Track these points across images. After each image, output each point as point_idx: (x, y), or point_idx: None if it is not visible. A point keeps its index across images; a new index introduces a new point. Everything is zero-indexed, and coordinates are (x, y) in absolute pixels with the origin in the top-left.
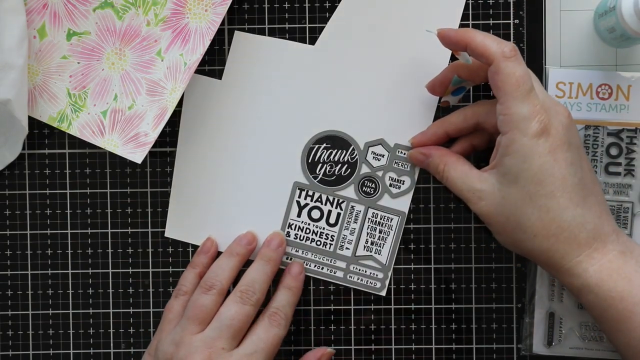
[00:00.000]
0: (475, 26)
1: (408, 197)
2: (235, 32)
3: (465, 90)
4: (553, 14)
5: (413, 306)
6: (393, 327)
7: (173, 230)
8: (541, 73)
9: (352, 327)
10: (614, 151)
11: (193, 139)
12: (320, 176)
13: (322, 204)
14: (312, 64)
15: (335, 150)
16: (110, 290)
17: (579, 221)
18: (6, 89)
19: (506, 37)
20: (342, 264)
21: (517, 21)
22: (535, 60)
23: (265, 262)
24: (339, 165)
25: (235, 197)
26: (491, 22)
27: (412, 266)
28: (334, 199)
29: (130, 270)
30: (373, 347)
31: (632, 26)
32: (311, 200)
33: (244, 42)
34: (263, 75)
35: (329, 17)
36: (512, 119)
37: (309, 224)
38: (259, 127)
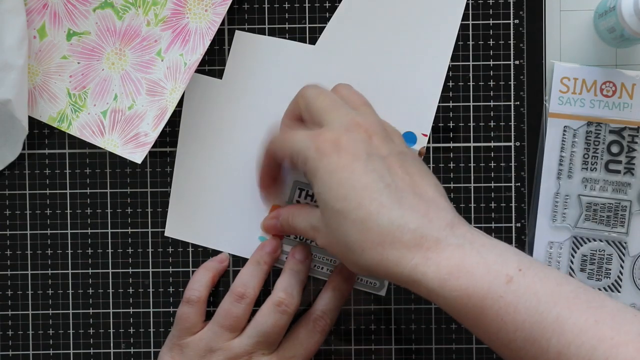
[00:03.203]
0: (475, 26)
1: None
2: (236, 31)
3: None
4: (553, 14)
5: (413, 306)
6: (393, 327)
7: (173, 229)
8: (541, 73)
9: (352, 327)
10: (615, 149)
11: (193, 138)
12: None
13: None
14: (313, 63)
15: None
16: (110, 290)
17: (399, 223)
18: (6, 89)
19: (506, 37)
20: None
21: (517, 21)
22: (535, 60)
23: (296, 272)
24: None
25: (235, 196)
26: (491, 22)
27: None
28: None
29: (130, 270)
30: (373, 347)
31: (632, 26)
32: (311, 200)
33: (244, 42)
34: (264, 75)
35: (329, 17)
36: (295, 155)
37: None
38: (259, 126)
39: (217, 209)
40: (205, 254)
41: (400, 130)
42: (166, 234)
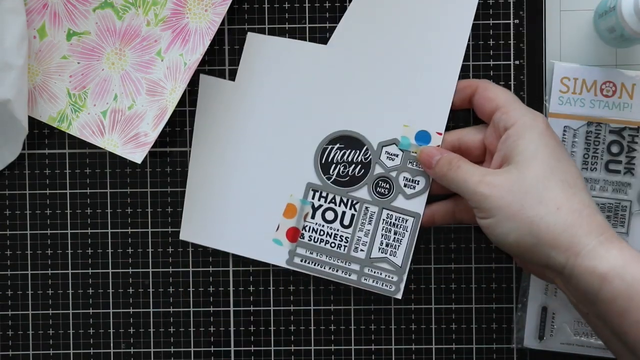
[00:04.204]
0: (475, 26)
1: (423, 198)
2: (248, 33)
3: None
4: (553, 14)
5: (413, 306)
6: (393, 327)
7: (188, 232)
8: (541, 73)
9: (352, 327)
10: (615, 149)
11: (207, 140)
12: (333, 177)
13: (336, 205)
14: (325, 63)
15: (349, 151)
16: (110, 290)
17: (594, 205)
18: (6, 89)
19: (506, 37)
20: (356, 267)
21: (517, 21)
22: (535, 60)
23: None
24: (353, 166)
25: (249, 198)
26: (491, 22)
27: (412, 266)
28: (347, 200)
29: (130, 270)
30: (373, 347)
31: (632, 26)
32: (325, 202)
33: (256, 43)
34: (276, 75)
35: (329, 17)
36: (517, 113)
37: (323, 226)
38: (272, 127)
39: (232, 211)
40: (205, 254)
41: (414, 129)
42: (181, 237)
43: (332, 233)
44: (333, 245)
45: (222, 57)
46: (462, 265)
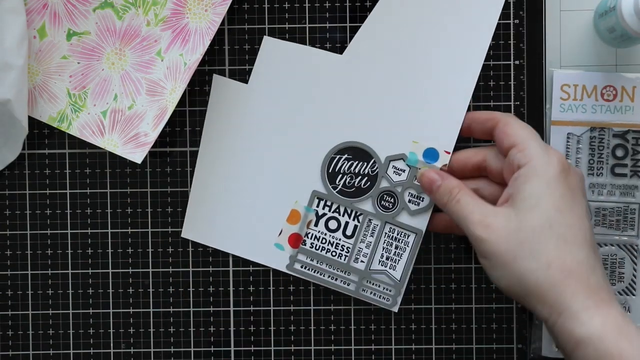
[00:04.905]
0: None
1: (426, 215)
2: (265, 37)
3: None
4: (553, 14)
5: (413, 306)
6: (393, 327)
7: (190, 231)
8: (541, 73)
9: (352, 327)
10: (619, 152)
11: (215, 140)
12: (339, 187)
13: (339, 215)
14: (339, 73)
15: (356, 162)
16: (110, 290)
17: (592, 263)
18: (6, 89)
19: (506, 37)
20: (355, 277)
21: (517, 21)
22: (535, 60)
23: None
24: (359, 177)
25: (254, 201)
26: None
27: (412, 267)
28: (351, 210)
29: (130, 270)
30: (373, 347)
31: (632, 26)
32: (329, 211)
33: (272, 48)
34: (289, 81)
35: (329, 17)
36: (531, 152)
37: (325, 234)
38: (281, 133)
39: (235, 213)
40: (205, 254)
41: (423, 146)
42: (182, 234)
43: (333, 242)
44: (334, 254)
45: (222, 57)
46: (462, 265)
